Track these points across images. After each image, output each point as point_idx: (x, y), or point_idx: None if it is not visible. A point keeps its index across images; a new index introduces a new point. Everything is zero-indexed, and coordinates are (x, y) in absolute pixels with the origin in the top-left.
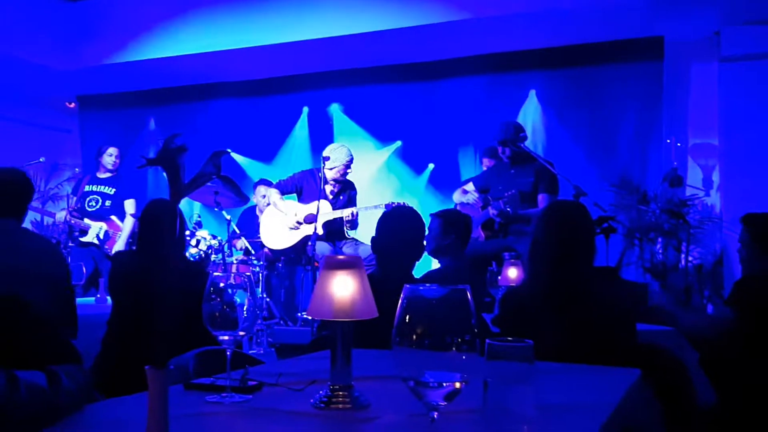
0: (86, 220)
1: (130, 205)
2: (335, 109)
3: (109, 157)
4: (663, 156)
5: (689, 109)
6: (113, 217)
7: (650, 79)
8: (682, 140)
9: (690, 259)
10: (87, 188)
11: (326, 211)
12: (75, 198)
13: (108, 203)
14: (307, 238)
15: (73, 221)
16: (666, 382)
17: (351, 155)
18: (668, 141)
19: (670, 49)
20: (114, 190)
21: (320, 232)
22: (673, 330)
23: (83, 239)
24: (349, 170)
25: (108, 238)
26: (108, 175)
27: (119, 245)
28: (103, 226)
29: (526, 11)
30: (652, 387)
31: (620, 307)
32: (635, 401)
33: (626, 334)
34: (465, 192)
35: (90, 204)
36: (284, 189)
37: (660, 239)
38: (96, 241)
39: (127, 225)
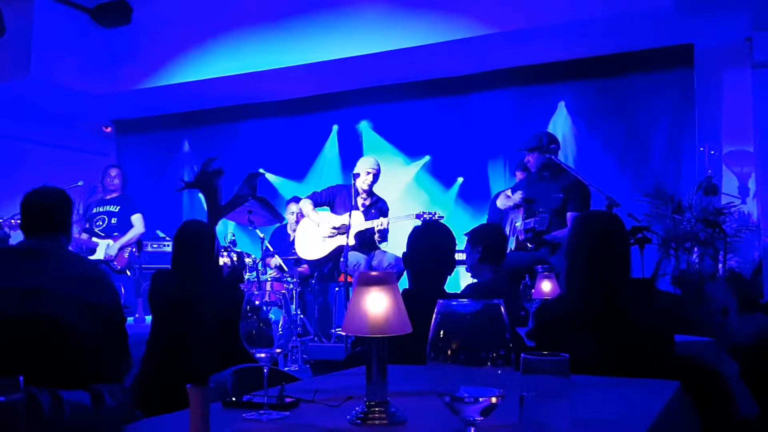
0: (94, 239)
1: (137, 219)
2: (364, 126)
3: (109, 178)
4: (697, 164)
5: (722, 116)
6: (119, 234)
7: (681, 87)
8: (716, 148)
9: (728, 268)
10: (95, 210)
11: (358, 222)
12: (86, 220)
13: (114, 221)
14: (340, 248)
15: (83, 239)
16: (706, 394)
17: (377, 165)
18: (702, 149)
19: (700, 56)
20: (118, 207)
21: (351, 242)
22: (712, 341)
23: (92, 257)
24: (370, 177)
25: (117, 253)
26: (113, 195)
27: (112, 250)
28: (110, 242)
29: (553, 23)
30: (692, 399)
31: (658, 319)
32: (675, 414)
33: (664, 346)
34: (507, 197)
35: (97, 224)
36: (317, 200)
37: (696, 249)
38: (103, 257)
39: (128, 235)
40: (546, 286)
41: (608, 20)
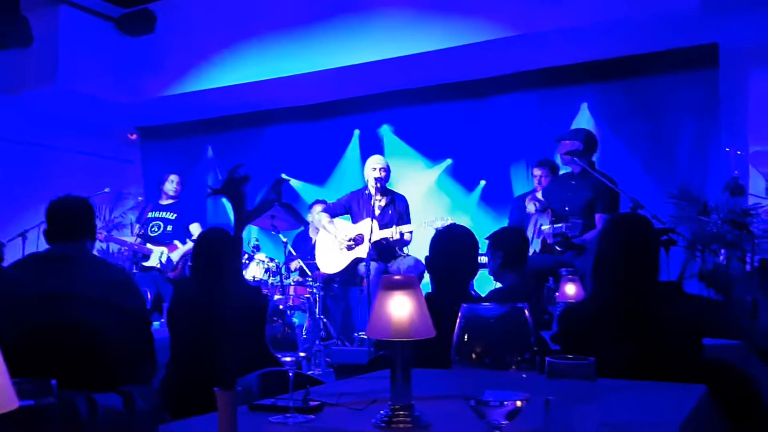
0: (149, 245)
1: (195, 229)
2: (386, 131)
3: (171, 183)
4: (723, 165)
5: (748, 116)
6: (176, 242)
7: (706, 87)
8: (742, 148)
9: (755, 267)
10: (150, 215)
11: (373, 232)
12: (138, 225)
13: (170, 228)
14: (358, 259)
15: (137, 246)
16: (734, 397)
17: (385, 162)
18: (727, 149)
19: (725, 55)
20: (175, 215)
21: (366, 253)
22: (741, 344)
23: (146, 264)
24: (376, 173)
25: (170, 262)
26: (169, 201)
27: (172, 259)
28: (165, 250)
29: (575, 24)
30: (720, 403)
31: (686, 323)
32: (703, 418)
33: (692, 349)
34: (537, 201)
35: (153, 230)
36: (333, 212)
37: (723, 251)
38: (158, 265)
39: (188, 245)
40: (570, 289)
41: (631, 20)
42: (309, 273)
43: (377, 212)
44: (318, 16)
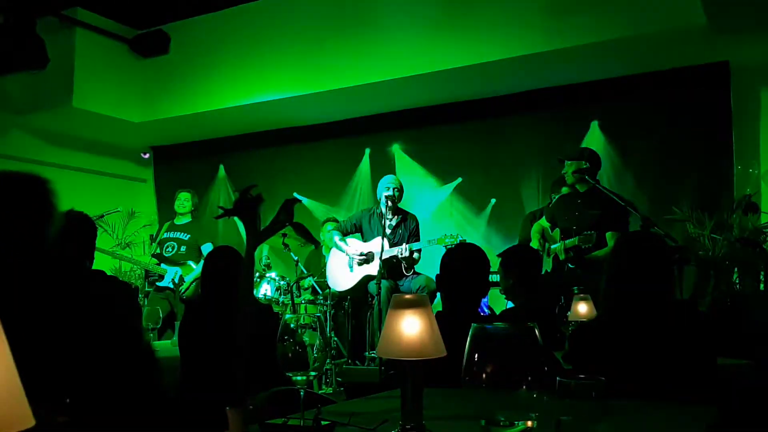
0: (164, 265)
1: (208, 248)
2: (396, 149)
3: (186, 203)
4: (735, 183)
5: (761, 133)
6: (189, 262)
7: (717, 105)
8: (755, 166)
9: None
10: (164, 235)
11: (385, 249)
12: (154, 244)
13: (183, 249)
14: (368, 277)
15: (149, 268)
16: (749, 416)
17: (398, 182)
18: (739, 167)
19: (736, 73)
20: (189, 235)
21: (376, 271)
22: (754, 362)
23: (160, 284)
24: (391, 191)
25: (183, 282)
26: (184, 221)
27: (187, 283)
28: (179, 269)
29: (586, 43)
30: (734, 422)
31: (699, 342)
32: None
33: (705, 368)
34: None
35: (167, 249)
36: (345, 229)
37: (736, 269)
38: (171, 285)
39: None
40: (582, 308)
41: (641, 39)
42: (320, 291)
43: (388, 231)
44: (330, 37)
